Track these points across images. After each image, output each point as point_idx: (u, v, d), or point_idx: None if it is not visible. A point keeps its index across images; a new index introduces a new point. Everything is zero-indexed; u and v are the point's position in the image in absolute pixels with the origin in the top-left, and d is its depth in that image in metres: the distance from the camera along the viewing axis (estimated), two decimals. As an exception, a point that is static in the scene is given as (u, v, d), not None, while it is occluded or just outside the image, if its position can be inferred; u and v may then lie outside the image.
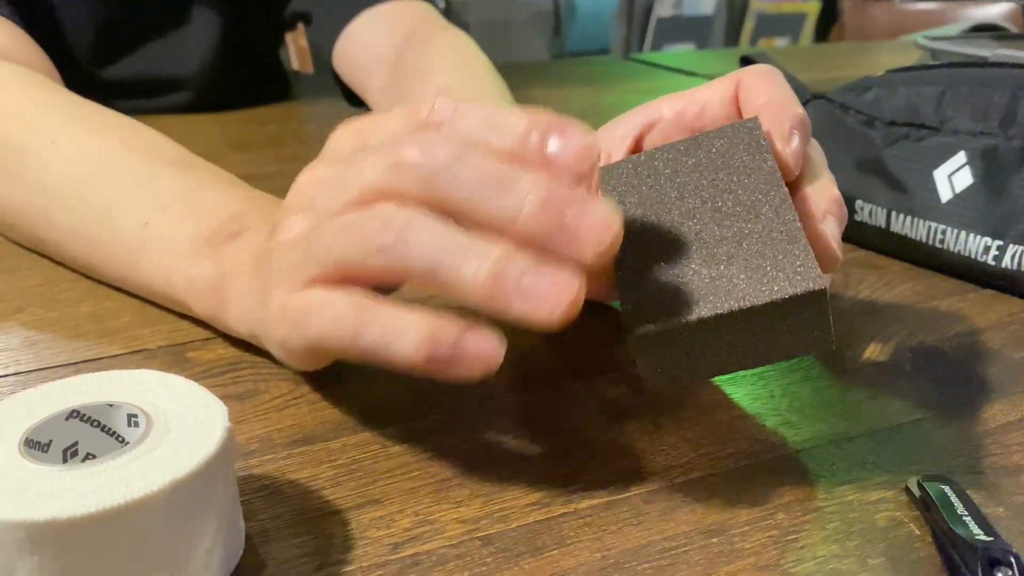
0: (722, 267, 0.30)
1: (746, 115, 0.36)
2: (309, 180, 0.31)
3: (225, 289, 0.37)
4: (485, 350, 0.27)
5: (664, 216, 0.32)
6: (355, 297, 0.29)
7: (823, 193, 0.34)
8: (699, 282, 0.30)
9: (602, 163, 0.40)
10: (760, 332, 0.29)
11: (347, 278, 0.29)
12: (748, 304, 0.28)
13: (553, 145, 0.27)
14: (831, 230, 0.33)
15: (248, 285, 0.35)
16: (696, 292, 0.29)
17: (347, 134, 0.32)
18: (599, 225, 0.26)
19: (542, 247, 0.26)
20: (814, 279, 0.28)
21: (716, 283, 0.29)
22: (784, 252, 0.29)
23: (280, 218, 0.32)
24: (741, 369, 0.31)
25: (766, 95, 0.35)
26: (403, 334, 0.27)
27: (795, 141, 0.34)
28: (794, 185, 0.34)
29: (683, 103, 0.38)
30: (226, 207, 0.40)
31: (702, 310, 0.29)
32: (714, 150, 0.34)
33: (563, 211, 0.26)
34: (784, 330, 0.29)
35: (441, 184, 0.27)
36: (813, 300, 0.28)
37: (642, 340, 0.29)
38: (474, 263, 0.26)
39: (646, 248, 0.32)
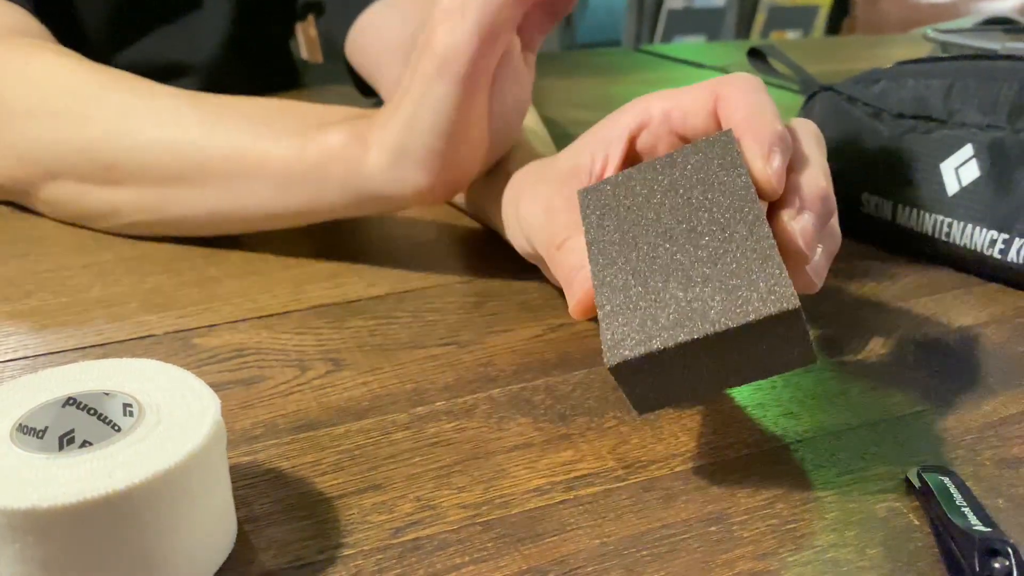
0: (697, 289, 0.30)
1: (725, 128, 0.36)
2: None
3: (366, 134, 0.42)
4: None
5: (641, 238, 0.33)
6: None
7: (806, 186, 0.33)
8: (675, 306, 0.30)
9: (600, 165, 0.40)
10: (739, 352, 0.29)
11: None
12: (722, 328, 0.28)
13: None
14: (801, 226, 0.32)
15: (395, 102, 0.41)
16: (672, 316, 0.30)
17: None
18: None
19: None
20: (788, 298, 0.28)
21: (692, 306, 0.29)
22: (758, 271, 0.29)
23: None
24: (725, 388, 0.31)
25: (742, 111, 0.35)
26: None
27: (776, 162, 0.33)
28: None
29: (669, 105, 0.38)
30: (344, 109, 0.45)
31: (678, 336, 0.29)
32: (689, 167, 0.34)
33: None
34: (763, 349, 0.29)
35: None
36: (788, 319, 0.28)
37: (621, 368, 0.30)
38: None
39: (624, 274, 0.32)
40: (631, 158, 0.40)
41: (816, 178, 0.34)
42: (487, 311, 0.44)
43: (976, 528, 0.28)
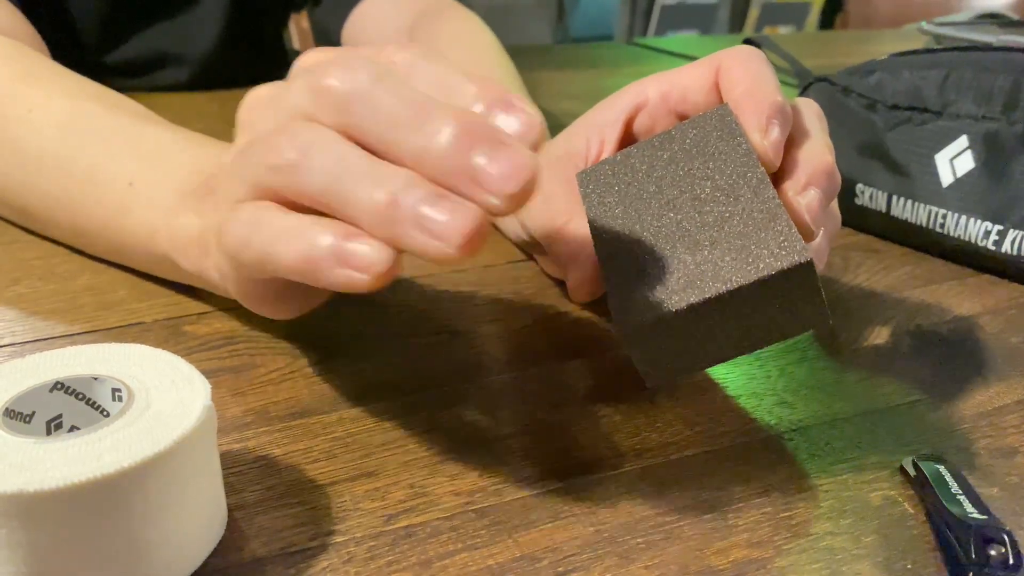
0: (706, 252, 0.29)
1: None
2: (253, 98, 0.30)
3: (206, 241, 0.35)
4: (367, 257, 0.25)
5: (644, 210, 0.32)
6: (257, 206, 0.28)
7: (810, 162, 0.33)
8: (685, 269, 0.29)
9: (596, 149, 0.40)
10: (752, 313, 0.29)
11: (267, 197, 0.28)
12: (735, 285, 0.28)
13: (498, 118, 0.26)
14: (808, 202, 0.32)
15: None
16: (683, 279, 0.29)
17: (310, 59, 0.30)
18: (510, 170, 0.24)
19: (451, 186, 0.25)
20: (799, 252, 0.28)
21: (702, 268, 0.29)
22: (766, 230, 0.29)
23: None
24: (739, 354, 0.31)
25: (743, 84, 0.34)
26: (286, 235, 0.26)
27: (774, 133, 0.32)
28: (785, 154, 0.34)
29: (667, 85, 0.38)
30: (209, 162, 0.39)
31: (690, 296, 0.29)
32: (688, 141, 0.34)
33: (474, 151, 0.24)
34: (776, 309, 0.29)
35: (356, 111, 0.26)
36: (800, 273, 0.28)
37: (634, 333, 0.29)
38: (372, 187, 0.25)
39: (630, 243, 0.32)
40: (628, 141, 0.40)
41: (820, 153, 0.33)
42: (480, 300, 0.44)
43: (972, 516, 0.28)
